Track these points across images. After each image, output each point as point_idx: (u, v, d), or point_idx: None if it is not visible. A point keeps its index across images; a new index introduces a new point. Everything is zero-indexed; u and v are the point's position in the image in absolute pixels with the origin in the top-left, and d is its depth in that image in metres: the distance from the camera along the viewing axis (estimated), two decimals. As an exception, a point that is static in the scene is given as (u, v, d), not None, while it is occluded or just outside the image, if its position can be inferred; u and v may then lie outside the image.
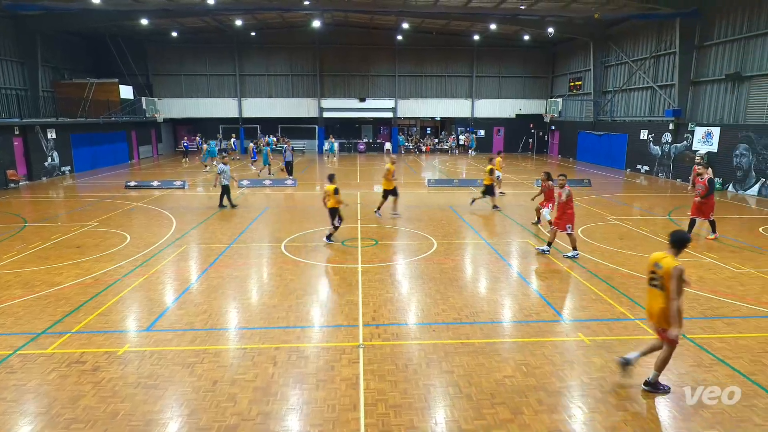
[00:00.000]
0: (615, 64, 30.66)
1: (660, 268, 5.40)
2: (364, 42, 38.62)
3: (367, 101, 39.86)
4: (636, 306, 8.06)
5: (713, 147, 21.92)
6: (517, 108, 40.89)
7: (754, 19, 19.98)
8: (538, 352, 6.47)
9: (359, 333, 7.06)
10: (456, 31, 37.22)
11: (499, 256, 11.03)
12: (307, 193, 20.41)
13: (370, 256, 10.90)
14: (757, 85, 20.06)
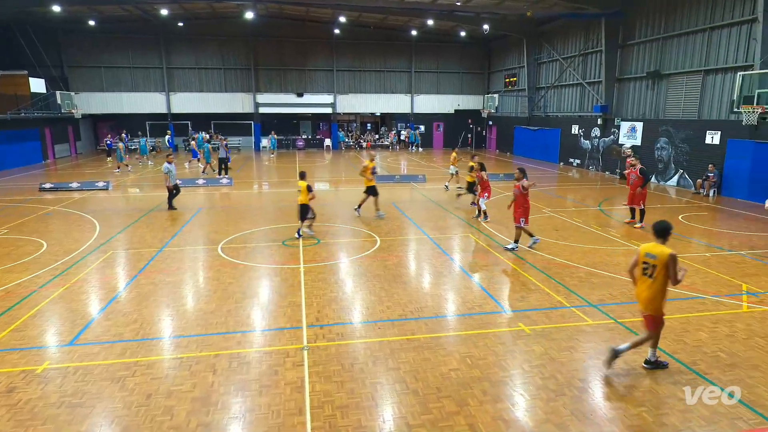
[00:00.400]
0: (547, 61, 32.15)
1: (654, 257, 5.75)
2: (300, 35, 38.05)
3: (305, 96, 39.35)
4: (572, 294, 8.51)
5: (637, 141, 23.54)
6: (456, 103, 41.90)
7: (671, 21, 21.64)
8: (482, 344, 6.68)
9: (303, 335, 6.98)
10: (394, 26, 37.54)
11: (442, 251, 11.27)
12: (244, 193, 19.87)
13: (312, 256, 10.79)
14: (674, 82, 21.76)
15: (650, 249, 5.86)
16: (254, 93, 38.57)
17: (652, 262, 5.77)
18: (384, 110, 41.91)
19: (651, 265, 5.78)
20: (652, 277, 5.76)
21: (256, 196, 19.59)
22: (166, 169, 15.67)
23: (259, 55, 38.20)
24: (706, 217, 15.11)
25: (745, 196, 17.93)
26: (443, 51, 40.56)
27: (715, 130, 19.28)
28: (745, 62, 18.00)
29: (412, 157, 34.68)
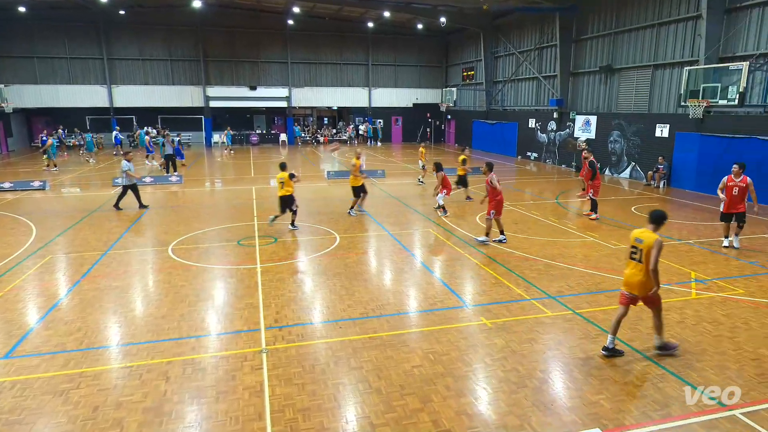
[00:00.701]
0: (504, 55, 32.84)
1: (641, 242, 6.07)
2: (253, 26, 37.25)
3: (259, 90, 38.60)
4: (531, 287, 8.77)
5: (592, 134, 24.45)
6: (414, 97, 42.19)
7: (622, 16, 22.54)
8: (444, 339, 6.78)
9: (261, 337, 6.88)
10: (350, 18, 37.34)
11: (403, 247, 11.35)
12: (196, 191, 19.32)
13: (270, 255, 10.63)
14: (625, 76, 22.70)
15: (639, 234, 6.18)
16: (204, 86, 37.51)
17: (640, 246, 6.10)
18: (341, 104, 41.69)
19: (639, 250, 6.10)
20: (640, 261, 6.09)
21: (208, 194, 19.10)
22: (126, 167, 14.98)
23: (209, 46, 37.14)
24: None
25: (693, 187, 18.97)
26: (401, 44, 40.70)
27: (665, 124, 20.27)
28: (691, 57, 18.99)
29: (371, 152, 34.68)
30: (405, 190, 19.39)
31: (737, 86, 14.95)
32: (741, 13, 17.25)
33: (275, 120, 42.99)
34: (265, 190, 19.19)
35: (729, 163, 17.33)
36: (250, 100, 38.78)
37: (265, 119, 42.84)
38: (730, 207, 10.93)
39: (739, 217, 10.98)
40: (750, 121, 16.87)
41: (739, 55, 17.17)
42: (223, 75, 37.95)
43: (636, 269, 6.15)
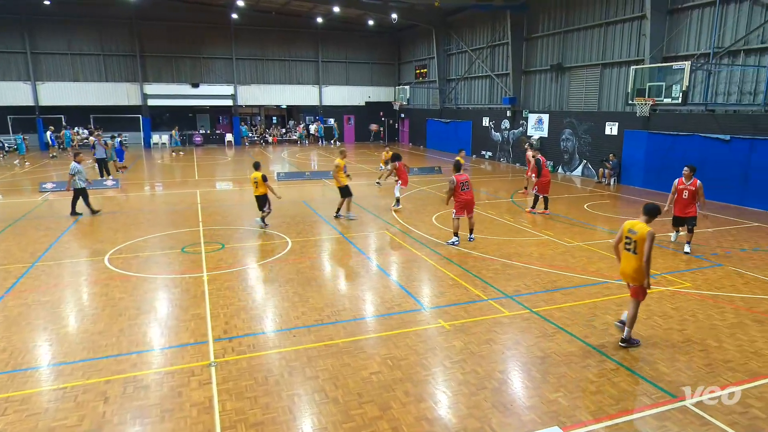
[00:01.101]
0: (456, 53, 33.46)
1: (635, 233, 6.49)
2: (194, 20, 36.23)
3: (202, 87, 37.58)
4: (489, 287, 8.96)
5: (544, 132, 25.29)
6: (367, 95, 42.29)
7: (571, 15, 23.46)
8: (402, 344, 6.82)
9: (209, 350, 6.69)
10: (298, 13, 37.01)
11: (358, 250, 11.34)
12: (135, 195, 18.59)
13: (217, 262, 10.37)
14: (575, 75, 23.64)
15: (632, 226, 6.60)
16: (141, 83, 36.15)
17: (634, 237, 6.51)
18: (290, 102, 41.23)
19: (633, 241, 6.52)
20: (634, 252, 6.51)
21: (148, 199, 18.42)
22: (75, 170, 14.46)
23: (146, 40, 35.83)
24: (608, 205, 16.63)
25: (641, 183, 19.98)
26: (352, 40, 40.71)
27: (614, 122, 21.24)
28: (637, 57, 19.99)
29: (322, 152, 34.49)
30: (359, 191, 19.36)
31: (680, 85, 15.85)
32: (682, 14, 18.33)
33: (220, 119, 42.00)
34: (210, 194, 18.71)
35: (675, 161, 18.46)
36: (192, 98, 37.68)
37: (210, 118, 41.77)
38: (681, 211, 11.09)
39: (690, 221, 11.05)
40: (693, 119, 17.95)
41: (682, 54, 18.23)
42: (162, 72, 36.72)
43: (630, 259, 6.58)
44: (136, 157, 31.02)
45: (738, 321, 7.58)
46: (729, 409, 5.35)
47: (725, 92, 17.19)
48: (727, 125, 16.76)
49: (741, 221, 14.23)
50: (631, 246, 6.55)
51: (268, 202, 13.07)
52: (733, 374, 6.06)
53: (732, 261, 10.53)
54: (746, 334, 7.12)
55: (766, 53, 15.71)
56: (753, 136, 15.93)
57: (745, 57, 16.50)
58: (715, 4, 16.88)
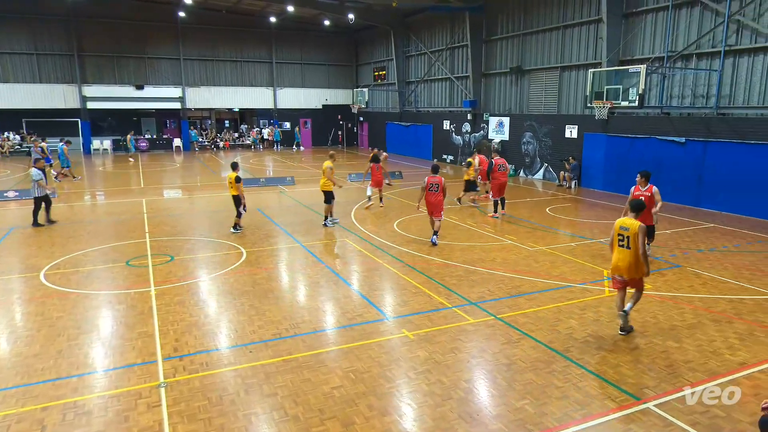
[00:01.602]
0: (415, 55, 33.86)
1: (627, 229, 7.18)
2: (138, 17, 35.27)
3: (147, 89, 36.56)
4: (452, 294, 9.06)
5: (505, 136, 25.88)
6: (324, 98, 42.19)
7: (529, 18, 24.16)
8: (365, 356, 6.80)
9: (159, 369, 6.48)
10: (250, 11, 36.63)
11: (317, 259, 11.26)
12: (74, 206, 17.86)
13: (166, 275, 10.08)
14: (535, 78, 24.33)
15: (623, 222, 7.29)
16: (79, 84, 34.84)
17: (626, 234, 7.17)
18: (243, 105, 40.67)
19: (626, 237, 7.19)
20: (628, 247, 7.16)
21: (89, 209, 17.74)
22: (39, 176, 14.15)
23: (85, 39, 34.59)
24: (569, 209, 17.16)
25: (601, 186, 20.72)
26: (307, 41, 40.57)
27: (573, 125, 21.96)
28: (594, 60, 20.77)
29: (278, 158, 34.15)
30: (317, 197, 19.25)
31: (637, 88, 16.56)
32: (637, 18, 19.19)
33: (167, 123, 40.96)
34: (157, 202, 18.19)
35: (633, 163, 19.23)
36: (136, 100, 36.59)
37: (156, 122, 40.66)
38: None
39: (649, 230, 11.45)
40: (649, 122, 18.78)
41: (638, 58, 19.06)
42: (103, 72, 35.53)
43: (625, 255, 7.21)
44: (75, 164, 29.81)
45: (697, 321, 7.94)
46: (690, 410, 5.58)
47: (680, 95, 18.07)
48: (682, 128, 17.61)
49: (697, 222, 14.95)
50: (624, 242, 7.20)
51: (242, 204, 13.27)
52: (693, 374, 6.33)
53: (690, 262, 11.04)
54: (705, 334, 7.47)
55: (716, 57, 16.63)
56: (706, 138, 16.80)
57: (697, 61, 17.42)
58: (668, 9, 17.75)
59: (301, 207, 17.15)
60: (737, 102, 16.25)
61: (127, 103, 36.34)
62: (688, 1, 17.28)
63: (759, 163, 15.35)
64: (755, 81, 15.72)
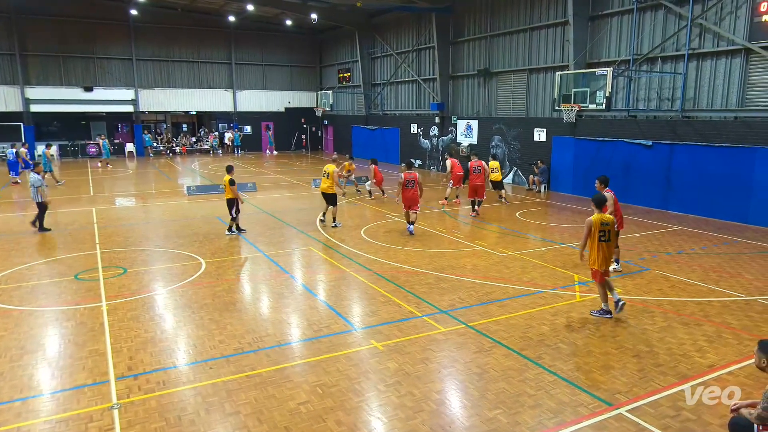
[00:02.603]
0: (381, 56, 34.05)
1: (607, 224, 7.94)
2: (86, 15, 34.35)
3: (96, 91, 35.60)
4: (422, 302, 9.10)
5: (474, 139, 26.24)
6: (286, 101, 41.94)
7: (496, 19, 24.62)
8: (333, 369, 6.76)
9: (111, 390, 6.28)
10: (208, 10, 36.18)
11: (281, 269, 11.15)
12: (15, 216, 17.20)
13: (119, 289, 9.80)
14: (503, 80, 24.78)
15: (601, 218, 7.97)
16: (22, 86, 33.66)
17: (607, 228, 7.91)
18: (201, 108, 40.04)
19: (607, 231, 7.92)
20: (609, 240, 7.96)
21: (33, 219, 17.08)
22: (39, 182, 14.57)
23: (27, 37, 33.46)
24: (539, 213, 17.50)
25: (570, 190, 21.21)
26: (269, 41, 40.31)
27: (542, 128, 22.45)
28: (562, 62, 21.31)
29: (239, 163, 33.74)
30: (281, 204, 19.12)
31: (604, 91, 17.07)
32: (603, 20, 19.80)
33: (119, 127, 39.95)
34: (108, 211, 17.70)
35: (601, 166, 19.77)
36: (85, 103, 35.56)
37: (107, 126, 39.57)
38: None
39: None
40: (617, 125, 19.36)
41: (604, 60, 19.65)
42: (49, 73, 34.42)
43: (607, 247, 8.02)
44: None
45: (667, 324, 8.20)
46: (662, 413, 5.74)
47: (646, 98, 18.71)
48: (649, 131, 18.22)
49: (665, 225, 15.46)
50: (605, 236, 7.90)
51: (233, 206, 13.70)
52: (664, 378, 6.53)
53: (658, 265, 11.40)
54: (675, 337, 7.71)
55: (680, 60, 17.29)
56: (672, 141, 17.42)
57: (662, 64, 18.08)
58: (633, 12, 18.38)
59: (264, 214, 16.97)
60: (701, 105, 16.93)
61: (74, 106, 35.27)
62: (653, 5, 17.94)
63: (723, 165, 16.01)
64: (718, 84, 16.41)
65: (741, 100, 15.85)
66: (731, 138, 15.86)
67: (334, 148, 41.10)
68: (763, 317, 8.52)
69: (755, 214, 15.34)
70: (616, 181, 19.26)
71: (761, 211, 15.20)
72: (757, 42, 15.17)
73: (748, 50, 15.50)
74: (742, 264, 11.52)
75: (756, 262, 11.65)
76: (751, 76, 15.64)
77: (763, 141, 15.09)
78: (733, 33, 15.78)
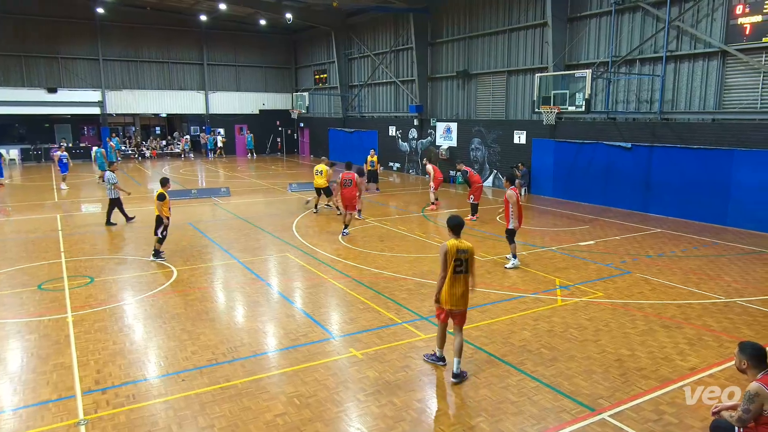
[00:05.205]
0: (358, 57, 34.10)
1: (465, 253, 6.60)
2: (49, 13, 33.69)
3: (61, 92, 34.89)
4: (402, 309, 9.11)
5: (453, 142, 26.42)
6: (260, 103, 41.70)
7: (474, 20, 24.87)
8: (310, 379, 6.72)
9: (78, 406, 6.14)
10: (178, 9, 35.82)
11: (256, 276, 11.06)
12: (-25, 223, 16.74)
13: (85, 299, 9.60)
14: (482, 82, 25.03)
15: (458, 245, 6.62)
16: (-19, 87, 32.86)
17: (465, 257, 6.62)
18: (171, 110, 39.58)
19: (464, 260, 6.61)
20: (466, 272, 6.65)
21: None
22: (114, 179, 15.83)
23: (-14, 36, 32.70)
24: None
25: (551, 193, 21.48)
26: (242, 41, 40.07)
27: (522, 130, 22.72)
28: (541, 64, 21.60)
29: (211, 167, 33.41)
30: (255, 209, 18.97)
31: (583, 93, 17.35)
32: (581, 22, 20.15)
33: (85, 130, 39.23)
34: (74, 218, 17.35)
35: (581, 169, 20.10)
36: (49, 105, 34.81)
37: (72, 129, 38.84)
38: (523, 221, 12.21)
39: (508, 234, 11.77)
40: (596, 127, 19.70)
41: (583, 63, 20.00)
42: (10, 74, 33.61)
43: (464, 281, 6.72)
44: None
45: (648, 328, 8.34)
46: (644, 418, 5.84)
47: (625, 100, 19.08)
48: (628, 133, 18.58)
49: (645, 228, 15.76)
50: (462, 267, 6.58)
51: (160, 225, 12.00)
52: (646, 382, 6.64)
53: (639, 268, 11.60)
54: (656, 341, 7.85)
55: (659, 62, 17.68)
56: (652, 143, 17.79)
57: (640, 66, 18.46)
58: (611, 14, 18.75)
59: (238, 220, 16.81)
60: (679, 107, 17.33)
61: (37, 108, 34.49)
62: (630, 7, 18.33)
63: (701, 167, 16.39)
64: (695, 86, 16.82)
65: (718, 103, 16.27)
66: (709, 140, 16.27)
67: (310, 152, 40.96)
68: (742, 319, 8.73)
69: (733, 216, 15.74)
70: (596, 184, 19.69)
71: (739, 213, 15.61)
72: (733, 44, 15.61)
73: (724, 52, 15.92)
74: (722, 266, 11.80)
75: (735, 264, 11.94)
76: (728, 78, 16.07)
77: (740, 143, 15.51)
78: (710, 35, 16.21)
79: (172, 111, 39.67)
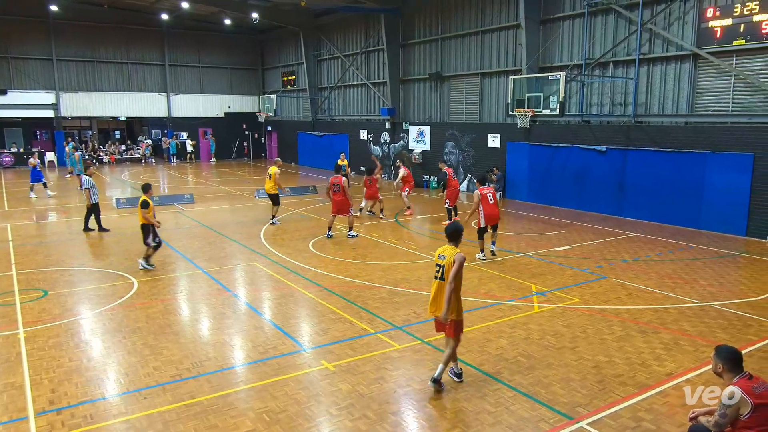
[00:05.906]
0: (328, 58, 34.11)
1: (443, 258, 6.72)
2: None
3: (11, 94, 34.00)
4: (376, 318, 9.10)
5: (426, 146, 26.59)
6: (226, 105, 41.33)
7: (447, 21, 25.13)
8: (280, 393, 6.65)
9: (30, 428, 5.96)
10: (138, 7, 35.31)
11: (222, 287, 10.92)
12: None
13: (38, 314, 9.34)
14: (455, 84, 25.28)
15: (441, 251, 6.90)
16: (-76, 88, 31.79)
17: (443, 263, 6.70)
18: (131, 113, 38.91)
19: (442, 267, 6.70)
20: (442, 278, 6.68)
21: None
22: (90, 183, 15.74)
23: (-71, 34, 31.67)
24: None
25: (526, 197, 21.78)
26: (206, 42, 39.72)
27: (496, 133, 23.00)
28: (515, 66, 21.94)
29: (173, 173, 32.92)
30: (221, 217, 18.75)
31: (557, 96, 17.68)
32: (554, 24, 20.55)
33: (38, 134, 38.25)
34: (26, 228, 16.87)
35: (556, 172, 20.43)
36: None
37: (23, 133, 37.83)
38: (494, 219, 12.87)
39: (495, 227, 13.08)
40: (571, 130, 20.08)
41: (557, 65, 20.38)
42: (-45, 74, 32.68)
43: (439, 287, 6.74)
44: None
45: (625, 333, 8.51)
46: (622, 425, 5.94)
47: (599, 103, 19.50)
48: (603, 136, 18.99)
49: (621, 232, 16.10)
50: (439, 273, 6.70)
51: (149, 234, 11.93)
52: (624, 388, 6.76)
53: (615, 273, 11.84)
54: (633, 346, 8.01)
55: (632, 65, 18.14)
56: (626, 147, 18.21)
57: (614, 68, 18.91)
58: (584, 16, 19.17)
59: (203, 228, 16.58)
60: (653, 110, 17.80)
61: (-15, 111, 33.58)
62: (603, 9, 18.78)
63: (675, 171, 16.84)
64: (668, 89, 17.31)
65: (691, 106, 16.76)
66: (682, 143, 16.74)
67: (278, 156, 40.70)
68: (717, 323, 8.98)
69: (707, 220, 16.20)
70: (571, 188, 20.04)
71: (712, 216, 16.07)
72: (705, 47, 16.12)
73: (696, 55, 16.43)
74: (697, 270, 12.12)
75: (710, 268, 12.28)
76: (700, 81, 16.58)
77: (712, 146, 15.99)
78: (682, 38, 16.72)
79: (131, 114, 39.00)
